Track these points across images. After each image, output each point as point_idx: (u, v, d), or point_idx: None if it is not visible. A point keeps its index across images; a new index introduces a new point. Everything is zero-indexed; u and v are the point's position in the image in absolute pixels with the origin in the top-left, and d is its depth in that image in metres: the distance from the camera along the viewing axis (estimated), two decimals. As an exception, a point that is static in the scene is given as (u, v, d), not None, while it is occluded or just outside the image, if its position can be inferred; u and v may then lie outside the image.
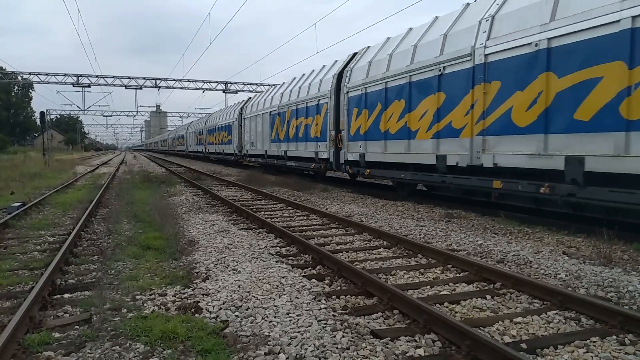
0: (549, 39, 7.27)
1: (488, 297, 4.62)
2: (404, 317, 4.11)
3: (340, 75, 14.51)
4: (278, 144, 19.81)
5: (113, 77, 38.27)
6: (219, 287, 4.88)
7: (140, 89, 39.08)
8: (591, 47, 6.68)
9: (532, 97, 7.61)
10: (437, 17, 10.74)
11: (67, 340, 3.69)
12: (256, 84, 40.15)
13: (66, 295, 4.82)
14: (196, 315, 4.16)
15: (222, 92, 40.63)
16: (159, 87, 39.31)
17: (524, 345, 3.44)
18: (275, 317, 4.01)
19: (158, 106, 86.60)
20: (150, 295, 4.75)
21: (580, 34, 6.83)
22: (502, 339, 3.63)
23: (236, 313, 4.15)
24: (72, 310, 4.39)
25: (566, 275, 5.23)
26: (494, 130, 8.36)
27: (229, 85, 40.24)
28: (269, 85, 36.55)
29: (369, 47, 13.86)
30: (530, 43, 7.58)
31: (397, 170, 11.52)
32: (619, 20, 6.30)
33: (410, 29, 11.72)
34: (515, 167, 8.01)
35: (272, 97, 21.26)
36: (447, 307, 4.39)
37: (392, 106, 11.41)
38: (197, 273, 5.50)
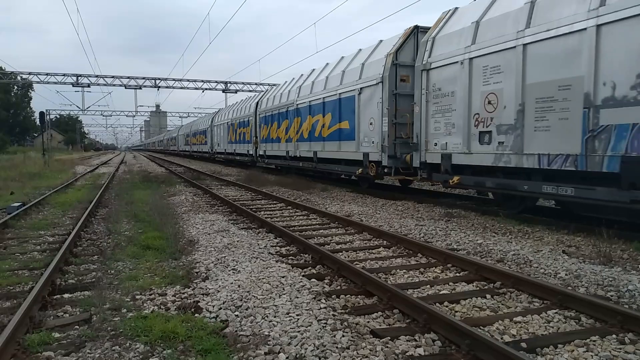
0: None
1: (488, 296, 4.62)
2: (404, 316, 4.11)
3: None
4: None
5: (112, 77, 38.26)
6: (219, 286, 4.88)
7: (140, 88, 39.08)
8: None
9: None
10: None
11: (67, 340, 3.69)
12: (256, 84, 40.16)
13: (66, 295, 4.82)
14: (196, 315, 4.16)
15: (221, 91, 40.64)
16: (159, 87, 39.31)
17: (523, 345, 3.44)
18: (275, 316, 4.01)
19: (158, 106, 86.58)
20: (150, 295, 4.75)
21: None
22: (502, 338, 3.63)
23: (236, 313, 4.15)
24: (72, 310, 4.39)
25: (566, 275, 5.23)
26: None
27: (229, 85, 40.23)
28: (268, 84, 36.52)
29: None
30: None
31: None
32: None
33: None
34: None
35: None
36: (447, 306, 4.39)
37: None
38: (197, 273, 5.50)
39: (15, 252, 6.84)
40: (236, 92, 40.60)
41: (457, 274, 5.44)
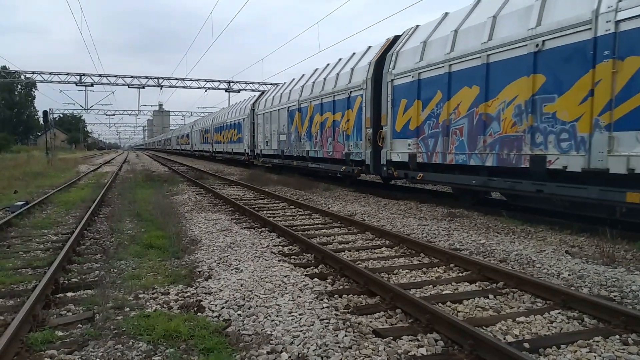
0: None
1: (491, 296, 4.61)
2: (407, 316, 4.11)
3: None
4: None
5: (116, 76, 38.35)
6: (222, 286, 4.89)
7: (143, 88, 39.17)
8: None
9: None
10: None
11: (70, 339, 3.70)
12: (258, 83, 40.18)
13: (69, 294, 4.83)
14: (199, 314, 4.17)
15: (224, 91, 40.69)
16: (162, 86, 39.38)
17: (526, 345, 3.44)
18: (277, 316, 4.01)
19: (161, 105, 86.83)
20: (153, 294, 4.76)
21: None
22: (504, 339, 3.63)
23: (238, 312, 4.16)
24: (75, 308, 4.40)
25: (569, 275, 5.22)
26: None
27: (232, 84, 40.27)
28: (271, 84, 36.54)
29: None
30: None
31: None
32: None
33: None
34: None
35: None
36: (449, 306, 4.38)
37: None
38: (199, 272, 5.51)
39: (19, 250, 6.86)
40: (239, 92, 40.68)
41: (460, 274, 5.43)
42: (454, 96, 9.58)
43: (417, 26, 11.61)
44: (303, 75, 19.20)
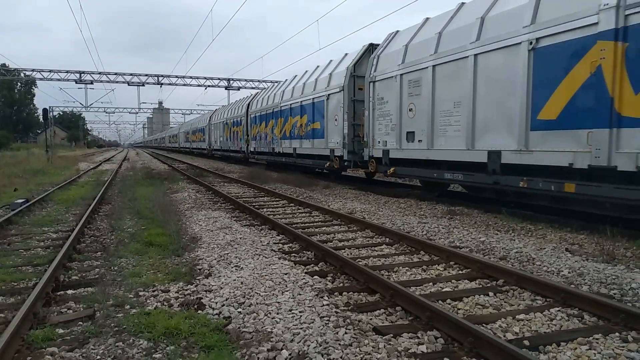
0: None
1: (491, 294, 4.61)
2: (407, 313, 4.11)
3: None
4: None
5: (115, 73, 38.30)
6: (222, 283, 4.89)
7: (143, 85, 39.12)
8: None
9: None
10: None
11: (70, 336, 3.70)
12: (258, 81, 40.16)
13: (70, 292, 4.84)
14: (199, 311, 4.17)
15: (224, 88, 40.65)
16: (162, 83, 39.34)
17: (526, 342, 3.44)
18: (277, 313, 4.02)
19: (160, 103, 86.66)
20: (153, 291, 4.76)
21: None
22: (504, 336, 3.63)
23: (239, 309, 4.16)
24: (76, 306, 4.41)
25: (569, 272, 5.22)
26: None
27: (231, 82, 40.24)
28: (271, 82, 36.49)
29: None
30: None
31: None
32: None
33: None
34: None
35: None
36: (449, 303, 4.39)
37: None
38: (199, 269, 5.51)
39: (19, 248, 6.87)
40: (239, 89, 40.65)
41: (460, 272, 5.43)
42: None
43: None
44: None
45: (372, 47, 13.86)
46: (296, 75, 20.03)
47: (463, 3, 9.92)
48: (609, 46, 6.32)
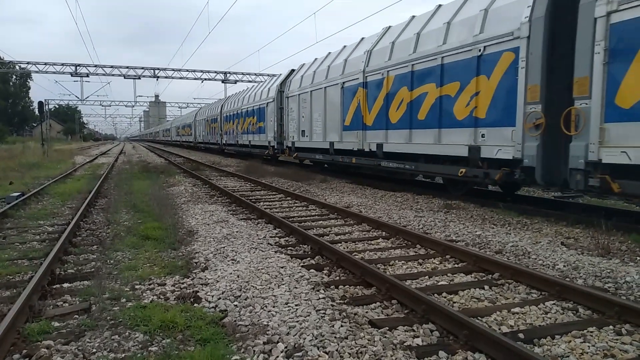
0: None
1: (486, 287, 4.63)
2: (402, 307, 4.13)
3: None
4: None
5: (111, 66, 37.99)
6: (218, 277, 4.90)
7: (139, 78, 38.79)
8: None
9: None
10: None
11: (66, 330, 3.70)
12: (255, 74, 39.94)
13: (65, 285, 4.83)
14: (195, 304, 4.17)
15: (221, 82, 40.42)
16: (158, 77, 39.02)
17: (521, 335, 3.46)
18: (274, 306, 4.02)
19: (157, 96, 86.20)
20: (150, 285, 4.76)
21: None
22: (499, 329, 3.65)
23: (235, 303, 4.17)
24: (72, 299, 4.41)
25: (564, 266, 5.25)
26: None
27: (228, 75, 40.00)
28: (268, 75, 36.35)
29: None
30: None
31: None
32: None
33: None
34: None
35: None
36: (445, 297, 4.41)
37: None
38: (196, 263, 5.51)
39: (15, 241, 6.85)
40: (235, 83, 40.39)
41: (456, 265, 5.45)
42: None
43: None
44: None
45: (292, 72, 19.54)
46: (255, 84, 26.90)
47: (329, 52, 16.19)
48: (362, 89, 12.94)
